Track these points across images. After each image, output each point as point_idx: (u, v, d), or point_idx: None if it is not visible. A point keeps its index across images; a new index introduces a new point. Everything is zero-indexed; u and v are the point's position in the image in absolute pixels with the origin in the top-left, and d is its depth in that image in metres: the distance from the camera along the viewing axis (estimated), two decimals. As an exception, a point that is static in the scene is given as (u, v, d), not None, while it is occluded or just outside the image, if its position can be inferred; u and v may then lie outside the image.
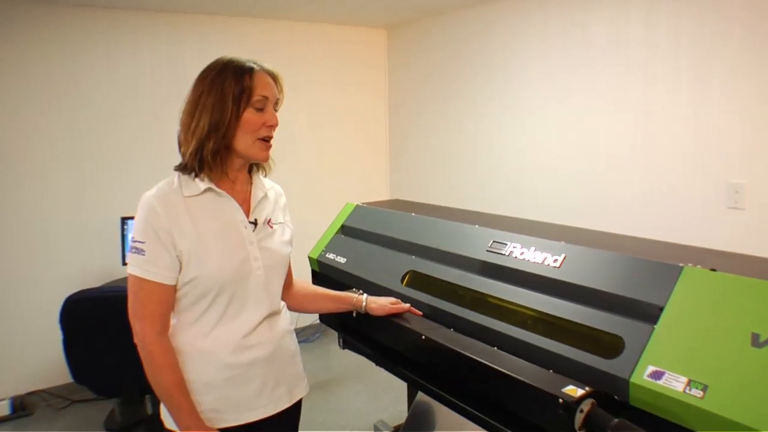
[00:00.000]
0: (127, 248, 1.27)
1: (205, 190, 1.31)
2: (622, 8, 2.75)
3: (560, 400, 1.03)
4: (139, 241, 1.26)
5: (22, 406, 3.31)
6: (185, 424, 1.26)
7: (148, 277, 1.25)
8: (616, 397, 1.12)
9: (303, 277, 2.13)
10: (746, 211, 2.33)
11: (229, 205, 1.35)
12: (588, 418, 1.04)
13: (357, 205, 2.25)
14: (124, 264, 3.29)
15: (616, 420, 1.05)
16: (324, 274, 2.15)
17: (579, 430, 1.06)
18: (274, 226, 1.42)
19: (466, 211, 2.15)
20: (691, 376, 1.03)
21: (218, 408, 1.31)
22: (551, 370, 1.24)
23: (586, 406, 1.04)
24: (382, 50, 4.51)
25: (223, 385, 1.31)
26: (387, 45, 4.50)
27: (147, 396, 2.91)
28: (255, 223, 1.37)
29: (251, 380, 1.35)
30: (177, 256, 1.27)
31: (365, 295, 1.64)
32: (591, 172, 2.97)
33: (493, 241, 1.60)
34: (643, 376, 1.08)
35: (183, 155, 1.33)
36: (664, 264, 1.21)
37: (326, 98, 4.29)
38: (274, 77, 1.35)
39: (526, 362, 1.26)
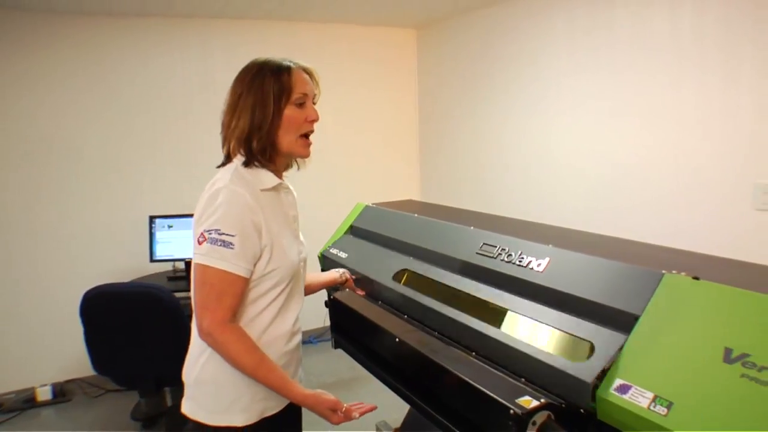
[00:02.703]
0: (210, 239, 1.24)
1: (276, 185, 1.36)
2: (645, 6, 2.63)
3: (511, 411, 0.98)
4: (229, 234, 1.23)
5: (62, 392, 3.51)
6: (295, 394, 1.29)
7: (235, 272, 1.24)
8: (582, 410, 1.06)
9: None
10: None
11: (288, 201, 1.43)
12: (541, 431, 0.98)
13: (366, 206, 2.23)
14: (153, 261, 3.40)
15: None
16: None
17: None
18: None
19: (472, 212, 2.10)
20: (658, 392, 0.96)
21: (267, 396, 1.34)
22: (523, 379, 1.19)
23: (540, 418, 0.98)
24: (412, 50, 4.46)
25: None
26: (417, 45, 4.45)
27: (166, 389, 3.00)
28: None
29: (291, 364, 1.42)
30: (262, 248, 1.29)
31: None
32: (617, 173, 2.86)
33: (483, 243, 1.56)
34: (609, 389, 1.02)
35: (231, 152, 1.36)
36: (645, 270, 1.14)
37: (356, 100, 4.29)
38: (310, 73, 1.40)
39: (497, 370, 1.21)
